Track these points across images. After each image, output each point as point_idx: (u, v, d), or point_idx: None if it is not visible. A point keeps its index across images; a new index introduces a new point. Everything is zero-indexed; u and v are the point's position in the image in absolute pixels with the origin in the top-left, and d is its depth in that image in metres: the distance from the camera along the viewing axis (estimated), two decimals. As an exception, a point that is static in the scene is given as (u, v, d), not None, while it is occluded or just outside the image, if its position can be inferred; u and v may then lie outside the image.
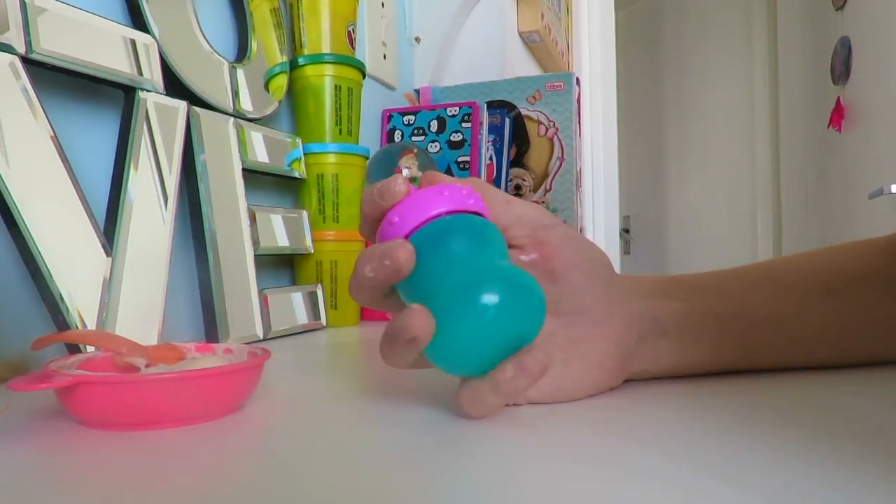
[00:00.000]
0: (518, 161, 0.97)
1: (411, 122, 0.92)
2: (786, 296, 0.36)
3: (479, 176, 0.87)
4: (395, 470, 0.22)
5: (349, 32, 0.73)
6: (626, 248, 3.19)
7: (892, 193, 1.88)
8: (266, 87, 0.65)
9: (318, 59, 0.69)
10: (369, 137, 0.90)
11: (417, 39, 1.09)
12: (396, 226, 0.27)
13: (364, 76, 0.73)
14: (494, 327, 0.25)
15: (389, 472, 0.22)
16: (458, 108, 0.89)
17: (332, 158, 0.69)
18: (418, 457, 0.24)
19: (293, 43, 0.72)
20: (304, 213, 0.68)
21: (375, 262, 0.26)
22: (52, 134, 0.41)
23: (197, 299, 0.54)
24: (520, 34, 1.32)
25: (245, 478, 0.21)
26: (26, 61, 0.41)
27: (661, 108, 3.16)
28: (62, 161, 0.42)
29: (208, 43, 0.57)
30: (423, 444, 0.25)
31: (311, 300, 0.65)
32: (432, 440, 0.26)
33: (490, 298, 0.25)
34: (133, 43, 0.49)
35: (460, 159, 0.88)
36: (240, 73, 0.61)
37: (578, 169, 0.99)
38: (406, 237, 0.27)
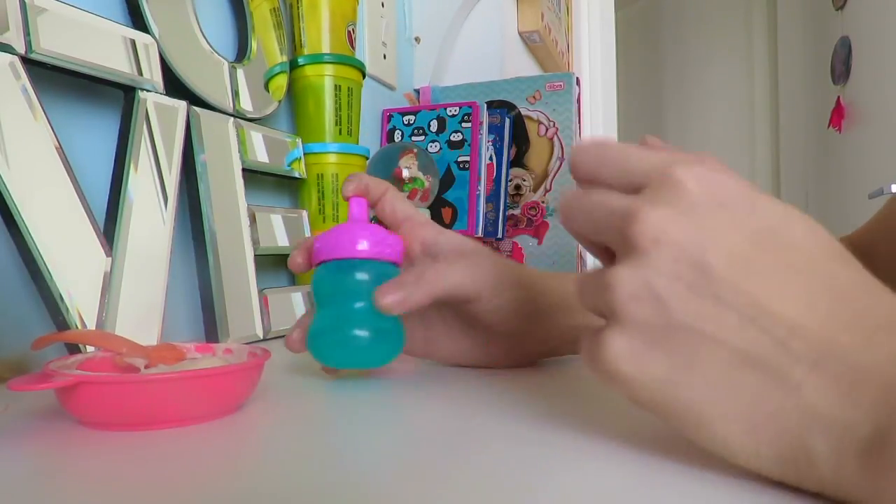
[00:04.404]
0: (518, 161, 0.97)
1: (411, 122, 0.92)
2: None
3: (479, 176, 0.87)
4: (395, 470, 0.22)
5: (349, 32, 0.73)
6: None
7: (892, 193, 1.87)
8: (266, 87, 0.65)
9: (318, 59, 0.69)
10: (369, 137, 0.90)
11: (417, 39, 1.09)
12: (319, 251, 0.37)
13: (364, 76, 0.73)
14: (355, 354, 0.36)
15: (389, 471, 0.22)
16: (458, 108, 0.89)
17: (332, 158, 0.69)
18: (418, 456, 0.24)
19: (293, 43, 0.71)
20: (304, 213, 0.68)
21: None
22: (52, 134, 0.41)
23: (197, 299, 0.54)
24: (520, 34, 1.32)
25: (245, 478, 0.21)
26: (26, 61, 0.41)
27: (660, 108, 3.16)
28: (62, 161, 0.42)
29: (208, 43, 0.57)
30: (424, 444, 0.25)
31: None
32: (432, 440, 0.26)
33: (359, 334, 0.35)
34: (133, 43, 0.49)
35: (460, 159, 0.88)
36: (240, 73, 0.61)
37: (579, 169, 0.99)
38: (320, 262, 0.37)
